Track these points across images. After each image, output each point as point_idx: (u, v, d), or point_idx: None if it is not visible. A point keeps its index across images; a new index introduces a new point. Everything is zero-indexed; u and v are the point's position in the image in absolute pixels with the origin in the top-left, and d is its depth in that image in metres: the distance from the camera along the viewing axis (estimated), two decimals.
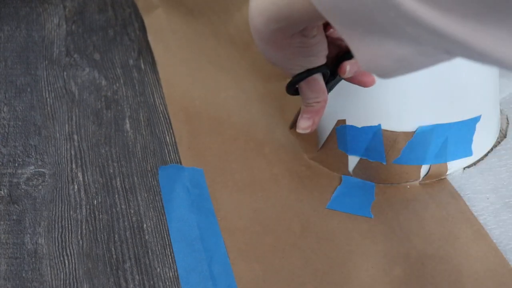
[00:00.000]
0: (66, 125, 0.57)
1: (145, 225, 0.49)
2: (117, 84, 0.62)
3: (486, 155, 0.53)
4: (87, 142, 0.56)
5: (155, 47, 0.64)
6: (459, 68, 0.45)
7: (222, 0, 0.61)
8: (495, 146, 0.54)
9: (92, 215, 0.50)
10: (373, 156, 0.50)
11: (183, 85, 0.60)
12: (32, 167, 0.54)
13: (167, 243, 0.48)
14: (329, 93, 0.42)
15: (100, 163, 0.54)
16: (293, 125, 0.55)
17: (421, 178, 0.52)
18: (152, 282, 0.46)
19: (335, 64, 0.40)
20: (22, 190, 0.52)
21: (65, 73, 0.63)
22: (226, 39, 0.62)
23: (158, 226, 0.49)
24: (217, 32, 0.63)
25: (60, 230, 0.49)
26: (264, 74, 0.58)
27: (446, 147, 0.49)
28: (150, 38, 0.64)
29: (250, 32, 0.61)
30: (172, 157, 0.55)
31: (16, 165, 0.54)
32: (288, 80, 0.40)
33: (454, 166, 0.52)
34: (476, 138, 0.51)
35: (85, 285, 0.45)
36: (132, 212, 0.50)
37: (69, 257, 0.47)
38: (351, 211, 0.49)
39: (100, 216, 0.50)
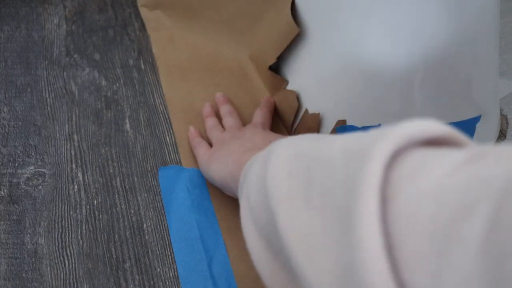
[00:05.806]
0: (66, 125, 0.57)
1: (145, 225, 0.49)
2: (117, 84, 0.61)
3: None
4: (87, 142, 0.56)
5: (156, 49, 0.64)
6: (458, 68, 0.45)
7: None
8: None
9: (92, 215, 0.50)
10: None
11: (183, 85, 0.60)
12: (32, 167, 0.54)
13: (167, 243, 0.48)
14: (329, 93, 0.42)
15: (100, 163, 0.54)
16: (293, 128, 0.55)
17: None
18: (152, 282, 0.46)
19: None
20: (22, 190, 0.52)
21: (65, 73, 0.63)
22: (227, 41, 0.62)
23: (158, 226, 0.49)
24: (217, 34, 0.63)
25: (60, 230, 0.49)
26: (263, 75, 0.58)
27: None
28: (152, 35, 0.65)
29: (249, 35, 0.60)
30: (172, 157, 0.55)
31: (16, 165, 0.54)
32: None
33: None
34: (476, 138, 0.50)
35: (85, 285, 0.45)
36: (132, 212, 0.50)
37: (69, 257, 0.47)
38: None
39: (100, 216, 0.50)
